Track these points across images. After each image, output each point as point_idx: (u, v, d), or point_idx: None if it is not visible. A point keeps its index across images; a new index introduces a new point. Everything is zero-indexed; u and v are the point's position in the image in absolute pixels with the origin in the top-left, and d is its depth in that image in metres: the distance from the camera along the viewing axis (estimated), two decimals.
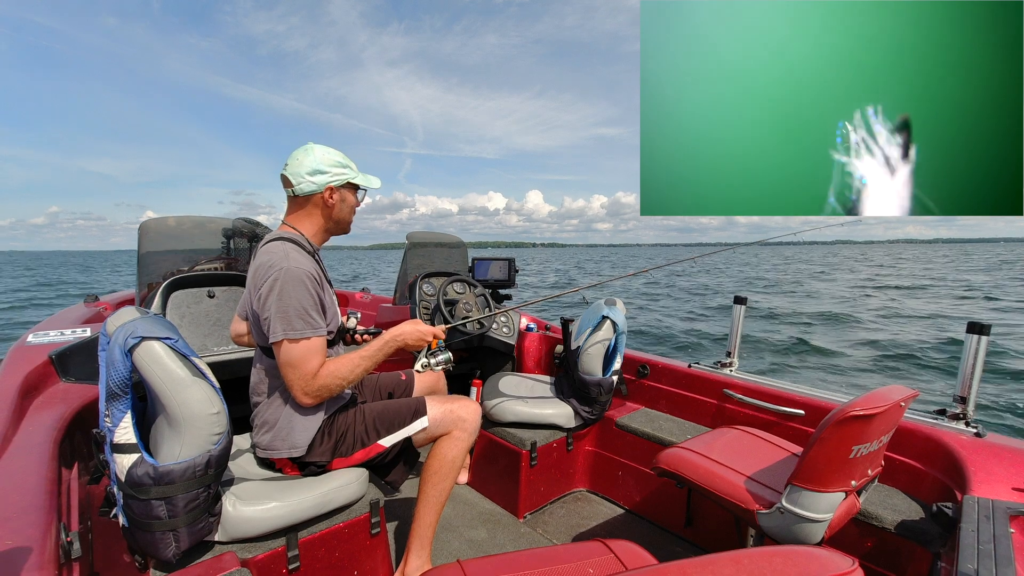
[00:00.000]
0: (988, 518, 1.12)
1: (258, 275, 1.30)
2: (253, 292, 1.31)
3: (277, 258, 1.29)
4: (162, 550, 1.11)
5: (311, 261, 1.35)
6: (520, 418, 2.13)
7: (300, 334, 1.26)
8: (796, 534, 1.20)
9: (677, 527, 1.99)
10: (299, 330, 1.26)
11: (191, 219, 2.34)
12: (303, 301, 1.27)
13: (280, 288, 1.25)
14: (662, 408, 2.32)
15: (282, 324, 1.25)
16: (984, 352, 1.53)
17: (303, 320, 1.26)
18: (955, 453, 1.43)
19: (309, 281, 1.29)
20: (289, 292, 1.26)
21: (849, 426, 1.09)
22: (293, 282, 1.26)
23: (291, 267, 1.27)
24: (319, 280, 1.35)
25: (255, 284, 1.31)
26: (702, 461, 1.47)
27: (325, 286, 1.41)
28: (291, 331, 1.25)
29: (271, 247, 1.33)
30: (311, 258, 1.36)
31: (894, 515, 1.40)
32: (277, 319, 1.25)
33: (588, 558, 1.00)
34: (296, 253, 1.32)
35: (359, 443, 1.45)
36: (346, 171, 1.41)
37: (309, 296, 1.28)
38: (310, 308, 1.28)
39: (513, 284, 3.12)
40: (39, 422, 1.35)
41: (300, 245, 1.36)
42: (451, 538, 1.92)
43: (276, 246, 1.32)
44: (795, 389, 1.96)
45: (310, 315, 1.28)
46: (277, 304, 1.25)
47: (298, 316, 1.26)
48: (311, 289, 1.29)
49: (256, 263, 1.33)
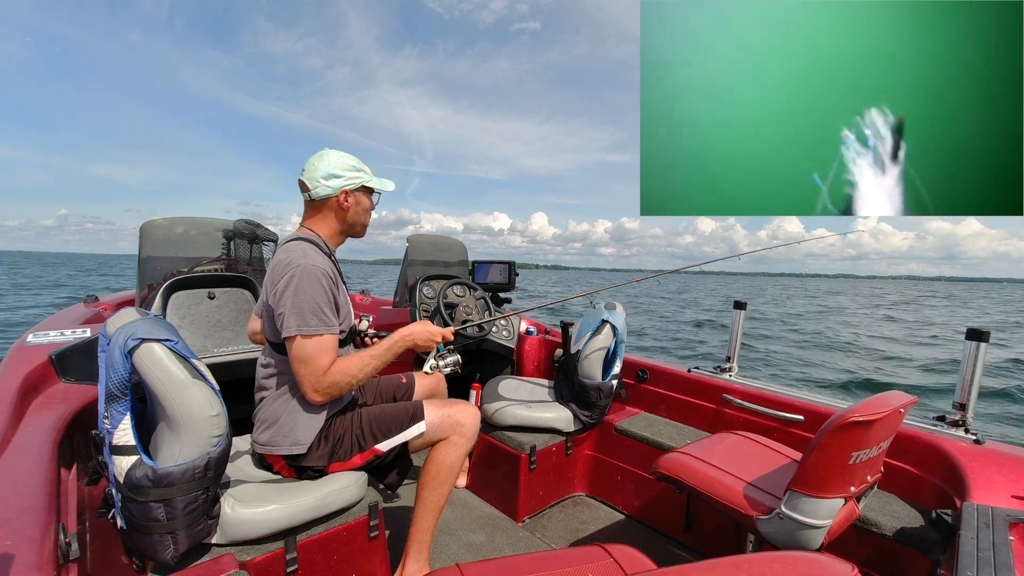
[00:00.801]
0: (987, 525, 1.12)
1: (276, 271, 1.32)
2: (270, 288, 1.34)
3: (295, 256, 1.31)
4: (160, 552, 1.11)
5: (328, 261, 1.38)
6: (519, 422, 2.13)
7: (313, 330, 1.27)
8: (795, 540, 1.20)
9: (676, 532, 1.98)
10: (313, 326, 1.27)
11: (192, 220, 2.34)
12: (318, 298, 1.29)
13: (296, 284, 1.27)
14: (661, 413, 2.32)
15: (296, 320, 1.26)
16: (983, 359, 1.53)
17: (317, 317, 1.28)
18: (954, 460, 1.43)
19: (325, 279, 1.31)
20: (305, 288, 1.28)
21: (848, 432, 1.09)
22: (309, 279, 1.29)
23: (308, 264, 1.30)
24: (335, 280, 1.38)
25: (272, 280, 1.33)
26: (701, 466, 1.47)
27: (340, 286, 1.43)
28: (305, 327, 1.27)
29: (290, 246, 1.36)
30: (328, 259, 1.39)
31: (893, 521, 1.40)
32: (292, 314, 1.27)
33: (587, 562, 1.00)
34: (313, 252, 1.35)
35: (356, 447, 1.45)
36: (360, 175, 1.43)
37: (324, 293, 1.31)
38: (324, 305, 1.30)
39: (513, 287, 3.12)
40: (38, 422, 1.35)
41: (317, 246, 1.39)
42: (450, 542, 1.91)
43: (295, 245, 1.36)
44: (794, 395, 1.96)
45: (324, 312, 1.30)
46: (293, 300, 1.27)
47: (312, 312, 1.28)
48: (326, 287, 1.32)
49: (274, 260, 1.36)
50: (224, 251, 2.35)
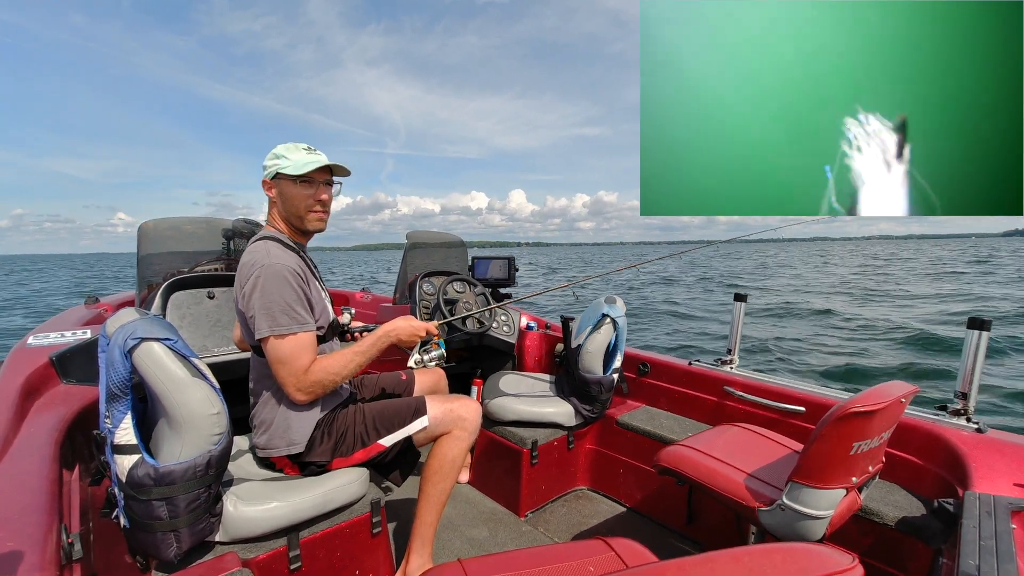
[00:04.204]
0: (990, 514, 1.12)
1: (242, 274, 1.30)
2: (238, 292, 1.32)
3: (259, 256, 1.29)
4: (163, 551, 1.11)
5: (295, 257, 1.34)
6: (521, 417, 2.13)
7: (286, 329, 1.26)
8: (797, 531, 1.20)
9: (678, 525, 1.99)
10: (284, 325, 1.25)
11: (191, 220, 2.34)
12: (286, 296, 1.27)
13: (262, 285, 1.25)
14: (663, 406, 2.32)
15: (267, 321, 1.25)
16: (985, 348, 1.52)
17: (288, 315, 1.26)
18: (956, 449, 1.43)
19: (292, 276, 1.29)
20: (271, 288, 1.26)
21: (850, 423, 1.09)
22: (275, 278, 1.26)
23: (272, 263, 1.27)
24: (303, 276, 1.34)
25: (239, 283, 1.31)
26: (703, 459, 1.47)
27: (312, 282, 1.40)
28: (276, 327, 1.25)
29: (254, 246, 1.34)
30: (295, 254, 1.36)
31: (895, 511, 1.40)
32: (262, 316, 1.25)
33: (589, 556, 1.00)
34: (278, 250, 1.32)
35: (359, 443, 1.45)
36: (278, 162, 1.34)
37: (292, 291, 1.28)
38: (294, 303, 1.28)
39: (513, 283, 3.11)
40: (40, 424, 1.35)
41: (282, 242, 1.36)
42: (452, 537, 1.92)
43: (258, 245, 1.33)
44: (795, 386, 1.96)
45: (295, 310, 1.27)
46: (260, 301, 1.25)
47: (282, 312, 1.26)
48: (294, 284, 1.29)
49: (240, 263, 1.33)
50: (224, 250, 2.35)
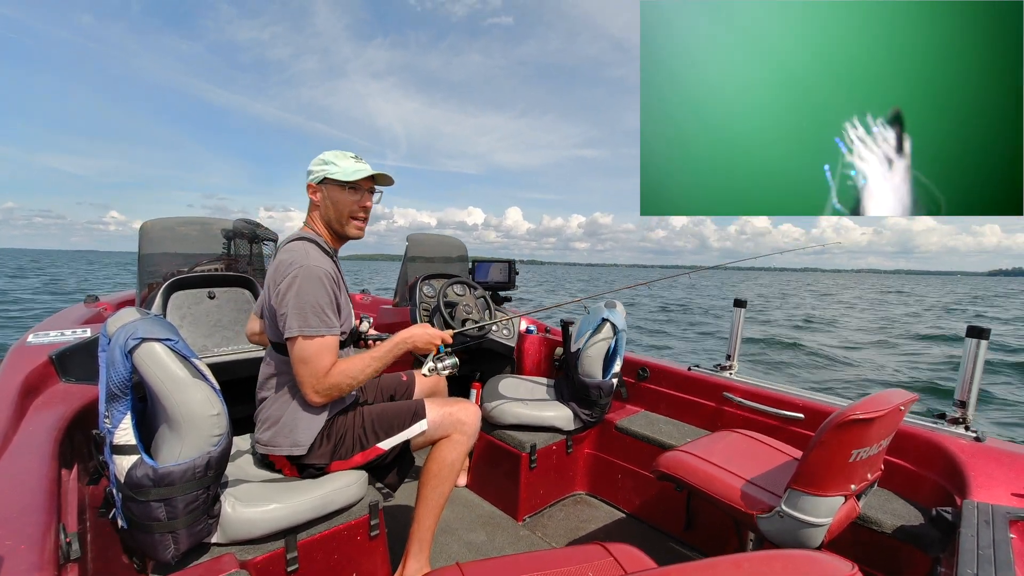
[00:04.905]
0: (988, 523, 1.12)
1: (278, 271, 1.32)
2: (272, 288, 1.33)
3: (298, 256, 1.31)
4: (161, 552, 1.11)
5: (329, 262, 1.37)
6: (520, 420, 2.13)
7: (315, 331, 1.27)
8: (796, 538, 1.20)
9: (676, 531, 1.98)
10: (314, 327, 1.27)
11: (191, 220, 2.34)
12: (320, 299, 1.29)
13: (299, 285, 1.27)
14: (662, 411, 2.32)
15: (298, 320, 1.26)
16: (984, 356, 1.53)
17: (319, 317, 1.28)
18: (955, 457, 1.43)
19: (327, 280, 1.31)
20: (307, 289, 1.27)
21: (849, 430, 1.09)
22: (311, 280, 1.28)
23: (310, 265, 1.29)
24: (336, 280, 1.37)
25: (275, 280, 1.32)
26: (702, 464, 1.47)
27: (342, 287, 1.43)
28: (307, 328, 1.26)
29: (292, 246, 1.35)
30: (329, 259, 1.38)
31: (894, 519, 1.40)
32: (294, 315, 1.27)
33: (587, 561, 1.00)
34: (316, 252, 1.34)
35: (358, 445, 1.45)
36: (326, 167, 1.37)
37: (326, 294, 1.30)
38: (326, 306, 1.30)
39: (513, 286, 3.12)
40: (39, 422, 1.35)
41: (319, 245, 1.38)
42: (450, 541, 1.91)
43: (297, 245, 1.35)
44: (795, 393, 1.96)
45: (326, 313, 1.30)
46: (295, 300, 1.27)
47: (314, 313, 1.27)
48: (328, 288, 1.31)
49: (276, 260, 1.35)
50: (224, 250, 2.35)
